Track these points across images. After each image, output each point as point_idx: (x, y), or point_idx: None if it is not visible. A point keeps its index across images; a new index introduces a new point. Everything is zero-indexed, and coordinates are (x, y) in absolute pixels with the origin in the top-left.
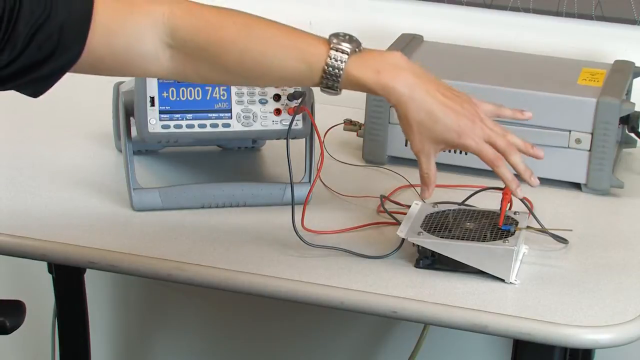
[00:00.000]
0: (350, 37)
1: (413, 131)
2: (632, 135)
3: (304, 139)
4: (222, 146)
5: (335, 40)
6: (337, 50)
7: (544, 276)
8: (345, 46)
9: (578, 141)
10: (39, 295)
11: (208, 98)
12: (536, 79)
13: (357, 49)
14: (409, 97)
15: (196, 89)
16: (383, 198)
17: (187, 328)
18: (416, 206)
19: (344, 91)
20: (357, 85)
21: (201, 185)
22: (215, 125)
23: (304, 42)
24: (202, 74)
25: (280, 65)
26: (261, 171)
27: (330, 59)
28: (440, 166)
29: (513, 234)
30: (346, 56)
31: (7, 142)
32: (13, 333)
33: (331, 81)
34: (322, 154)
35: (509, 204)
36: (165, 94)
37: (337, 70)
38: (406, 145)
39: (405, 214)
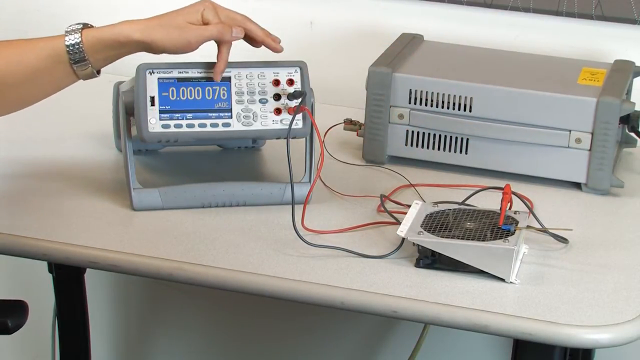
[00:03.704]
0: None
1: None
2: (632, 134)
3: (304, 138)
4: (222, 146)
5: (66, 30)
6: (69, 32)
7: (544, 276)
8: (75, 26)
9: (578, 141)
10: (39, 295)
11: (208, 98)
12: (536, 79)
13: (90, 26)
14: (146, 34)
15: (196, 89)
16: (383, 198)
17: (187, 328)
18: (416, 206)
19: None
20: (99, 44)
21: (201, 185)
22: (216, 125)
23: (40, 40)
24: None
25: (32, 64)
26: (261, 171)
27: (67, 35)
28: (441, 166)
29: (513, 233)
30: (79, 26)
31: (7, 141)
32: (13, 333)
33: (77, 52)
34: (322, 153)
35: (509, 204)
36: (165, 94)
37: (75, 39)
38: (406, 145)
39: (405, 213)
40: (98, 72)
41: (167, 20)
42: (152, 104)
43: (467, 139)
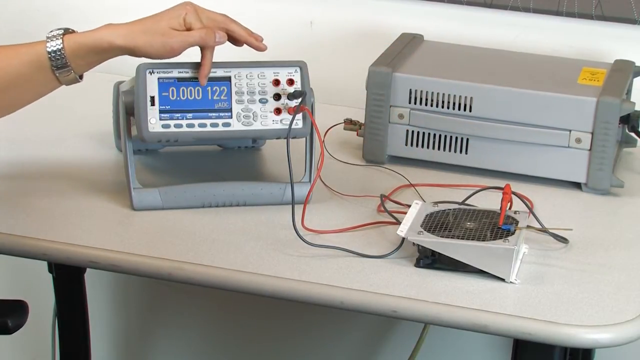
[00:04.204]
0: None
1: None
2: (633, 134)
3: (304, 138)
4: (222, 146)
5: (47, 36)
6: (51, 38)
7: (544, 276)
8: (56, 31)
9: (578, 141)
10: (39, 295)
11: (208, 98)
12: (536, 79)
13: (71, 31)
14: (129, 39)
15: (196, 89)
16: (383, 197)
17: (187, 328)
18: (416, 206)
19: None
20: (81, 50)
21: (201, 184)
22: (216, 125)
23: (22, 46)
24: None
25: (15, 71)
26: (261, 171)
27: (49, 41)
28: (441, 166)
29: (513, 233)
30: (61, 32)
31: (8, 141)
32: (13, 333)
33: (58, 58)
34: (322, 153)
35: (509, 204)
36: (165, 94)
37: (57, 46)
38: (406, 144)
39: (405, 213)
40: (80, 77)
41: (149, 25)
42: (152, 104)
43: (467, 139)
